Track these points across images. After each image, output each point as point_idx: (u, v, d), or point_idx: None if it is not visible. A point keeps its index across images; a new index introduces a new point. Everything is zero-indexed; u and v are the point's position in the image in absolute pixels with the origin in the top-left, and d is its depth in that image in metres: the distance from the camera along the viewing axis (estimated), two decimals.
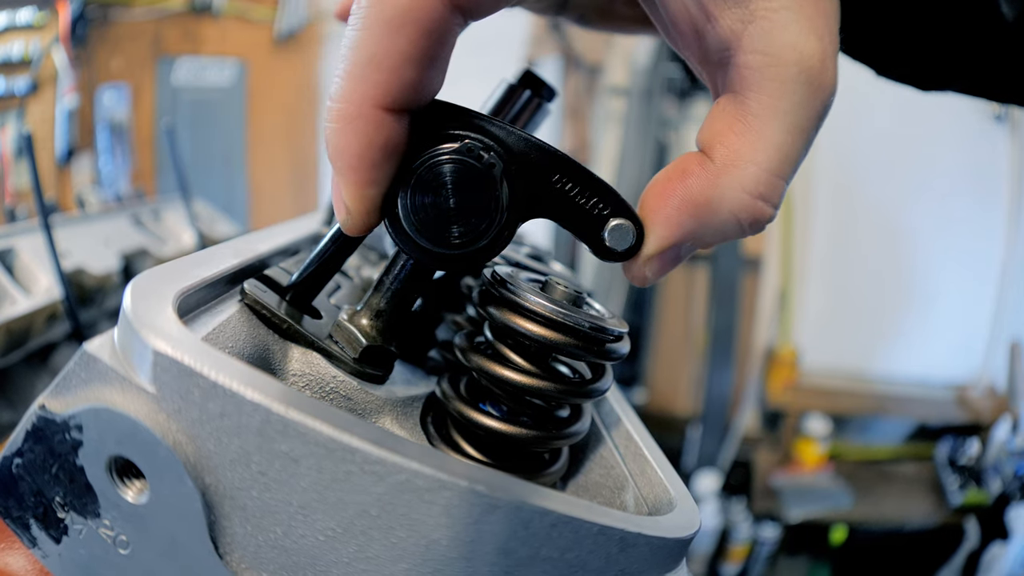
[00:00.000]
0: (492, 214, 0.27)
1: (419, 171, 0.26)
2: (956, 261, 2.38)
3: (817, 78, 0.25)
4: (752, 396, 2.42)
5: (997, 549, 2.02)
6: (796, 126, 0.26)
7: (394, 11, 0.24)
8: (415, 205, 0.27)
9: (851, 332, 2.49)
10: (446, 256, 0.28)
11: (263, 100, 2.55)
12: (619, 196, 0.28)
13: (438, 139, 0.27)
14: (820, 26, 0.25)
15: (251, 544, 0.23)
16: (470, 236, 0.27)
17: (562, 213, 0.29)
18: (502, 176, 0.27)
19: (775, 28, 0.25)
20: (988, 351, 2.39)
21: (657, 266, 0.29)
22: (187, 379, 0.22)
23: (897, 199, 2.40)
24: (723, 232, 0.28)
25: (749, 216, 0.27)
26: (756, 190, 0.26)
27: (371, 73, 0.24)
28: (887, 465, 2.40)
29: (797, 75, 0.25)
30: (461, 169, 0.26)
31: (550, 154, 0.28)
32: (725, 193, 0.27)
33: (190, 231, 1.19)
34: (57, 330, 0.86)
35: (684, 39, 0.28)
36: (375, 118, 0.25)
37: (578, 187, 0.28)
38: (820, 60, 0.25)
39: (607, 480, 0.35)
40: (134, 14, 2.40)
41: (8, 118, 2.28)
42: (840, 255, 2.44)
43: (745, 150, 0.26)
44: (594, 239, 0.29)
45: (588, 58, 2.37)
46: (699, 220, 0.27)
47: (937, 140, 2.31)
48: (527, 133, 0.28)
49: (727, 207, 0.27)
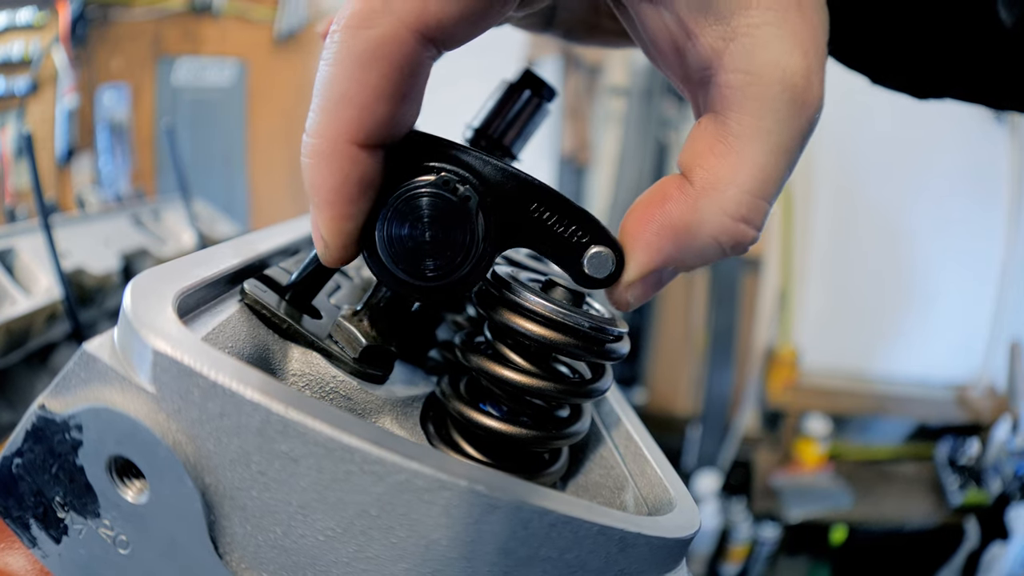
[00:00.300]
0: (468, 247, 0.27)
1: (396, 204, 0.26)
2: (956, 261, 2.38)
3: (801, 96, 0.25)
4: (752, 396, 2.42)
5: (997, 549, 2.02)
6: (779, 146, 0.25)
7: (365, 46, 0.23)
8: (392, 237, 0.27)
9: (851, 332, 2.49)
10: (422, 288, 0.28)
11: (263, 100, 2.55)
12: (598, 223, 0.28)
13: (414, 171, 0.27)
14: (805, 40, 0.25)
15: (251, 544, 0.23)
16: (446, 269, 0.27)
17: (541, 242, 0.29)
18: (478, 208, 0.27)
19: (757, 45, 0.24)
20: (988, 351, 2.39)
21: (639, 291, 0.28)
22: (187, 379, 0.22)
23: (897, 199, 2.40)
24: (704, 256, 0.27)
25: (730, 240, 0.26)
26: (738, 213, 0.26)
27: (343, 109, 0.24)
28: (887, 465, 2.40)
29: (780, 93, 0.24)
30: (437, 203, 0.26)
31: (527, 183, 0.28)
32: (705, 217, 0.26)
33: (190, 231, 1.19)
34: (57, 330, 0.86)
35: (665, 57, 0.28)
36: (349, 154, 0.25)
37: (556, 215, 0.28)
38: (804, 77, 0.24)
39: (607, 480, 0.35)
40: (134, 14, 2.40)
41: (8, 118, 2.28)
42: (840, 255, 2.44)
43: (725, 172, 0.25)
44: (574, 267, 0.29)
45: (588, 58, 2.37)
46: (679, 245, 0.27)
47: (937, 141, 2.32)
48: (504, 163, 0.28)
49: (707, 231, 0.26)
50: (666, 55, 0.27)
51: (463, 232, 0.27)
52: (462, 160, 0.28)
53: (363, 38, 0.23)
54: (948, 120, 2.29)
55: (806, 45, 0.25)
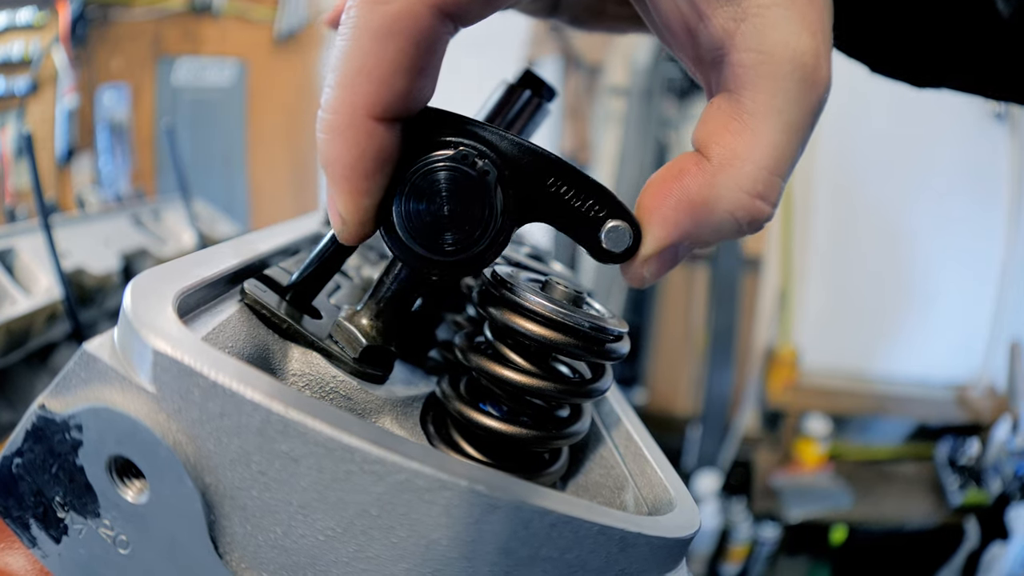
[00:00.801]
0: (487, 221, 0.27)
1: (413, 179, 0.26)
2: (956, 261, 2.38)
3: (811, 75, 0.25)
4: (752, 396, 2.42)
5: (997, 549, 2.02)
6: (792, 124, 0.26)
7: (382, 20, 0.24)
8: (409, 213, 0.27)
9: (851, 332, 2.49)
10: (441, 263, 0.28)
11: (263, 100, 2.55)
12: (615, 198, 0.28)
13: (431, 146, 0.27)
14: (813, 22, 0.25)
15: (251, 544, 0.23)
16: (465, 243, 0.27)
17: (558, 216, 0.29)
18: (496, 183, 0.27)
19: (767, 26, 0.25)
20: (988, 351, 2.39)
21: (655, 267, 0.29)
22: (187, 379, 0.22)
23: (897, 199, 2.40)
24: (720, 231, 0.27)
25: (747, 215, 0.27)
26: (754, 189, 0.26)
27: (361, 83, 0.24)
28: (887, 465, 2.40)
29: (791, 72, 0.25)
30: (455, 177, 0.26)
31: (544, 158, 0.28)
32: (722, 192, 0.26)
33: (190, 231, 1.19)
34: (57, 330, 0.86)
35: (677, 39, 0.28)
36: (366, 128, 0.25)
37: (573, 190, 0.28)
38: (814, 57, 0.25)
39: (607, 480, 0.35)
40: (134, 14, 2.40)
41: (8, 118, 2.28)
42: (840, 255, 2.44)
43: (741, 149, 0.26)
44: (591, 241, 0.29)
45: (588, 58, 2.37)
46: (696, 220, 0.27)
47: (937, 140, 2.32)
48: (520, 137, 0.28)
49: (724, 206, 0.27)
50: (678, 37, 0.28)
51: (482, 206, 0.26)
52: (479, 134, 0.28)
53: (380, 12, 0.24)
54: (948, 119, 2.29)
55: (814, 27, 0.25)
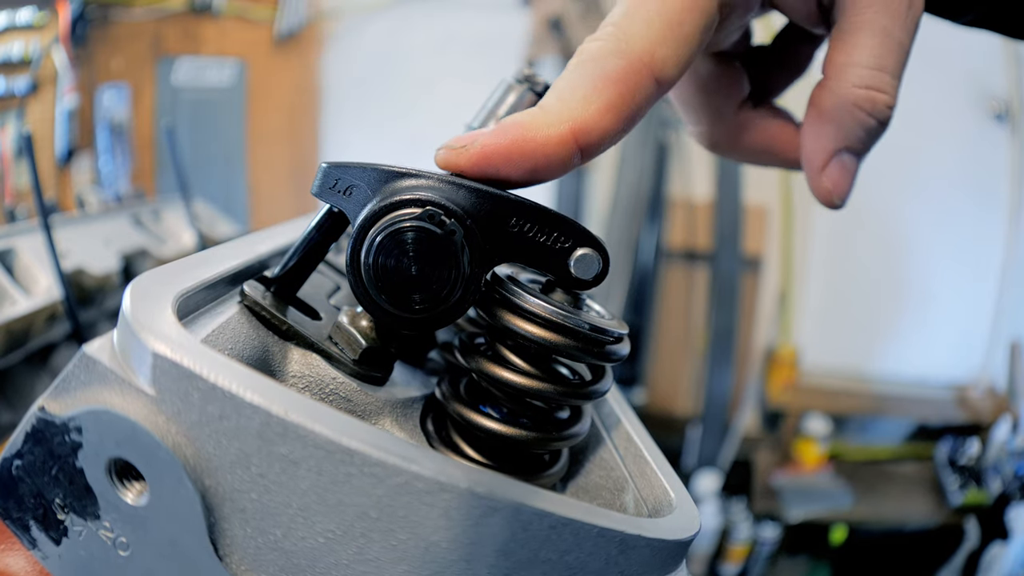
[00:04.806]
0: (455, 280, 0.27)
1: (379, 238, 0.27)
2: (956, 261, 2.38)
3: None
4: (752, 396, 2.42)
5: (997, 549, 2.02)
6: (889, 32, 0.31)
7: None
8: (378, 269, 0.27)
9: (851, 332, 2.48)
10: (411, 320, 0.28)
11: (263, 100, 2.54)
12: (578, 226, 0.29)
13: (395, 205, 0.27)
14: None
15: (251, 546, 0.23)
16: (433, 302, 0.27)
17: (525, 254, 0.29)
18: (463, 241, 0.27)
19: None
20: (988, 351, 2.39)
21: (834, 174, 0.35)
22: (186, 381, 0.22)
23: (897, 199, 2.40)
24: (856, 124, 0.33)
25: (868, 103, 0.32)
26: (862, 82, 0.32)
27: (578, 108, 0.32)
28: (887, 465, 2.40)
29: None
30: (422, 237, 0.26)
31: (501, 200, 0.28)
32: (840, 92, 0.32)
33: (190, 231, 1.19)
34: (57, 330, 0.86)
35: None
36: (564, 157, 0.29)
37: (536, 226, 0.29)
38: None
39: (607, 482, 0.35)
40: (134, 14, 2.40)
41: (8, 118, 2.28)
42: (840, 255, 2.44)
43: (841, 59, 0.32)
44: (561, 271, 0.29)
45: None
46: (836, 123, 0.33)
47: (936, 140, 2.31)
48: (473, 183, 0.28)
49: (846, 103, 0.32)
50: None
51: (449, 267, 0.27)
52: (439, 189, 0.28)
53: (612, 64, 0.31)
54: (948, 119, 2.29)
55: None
